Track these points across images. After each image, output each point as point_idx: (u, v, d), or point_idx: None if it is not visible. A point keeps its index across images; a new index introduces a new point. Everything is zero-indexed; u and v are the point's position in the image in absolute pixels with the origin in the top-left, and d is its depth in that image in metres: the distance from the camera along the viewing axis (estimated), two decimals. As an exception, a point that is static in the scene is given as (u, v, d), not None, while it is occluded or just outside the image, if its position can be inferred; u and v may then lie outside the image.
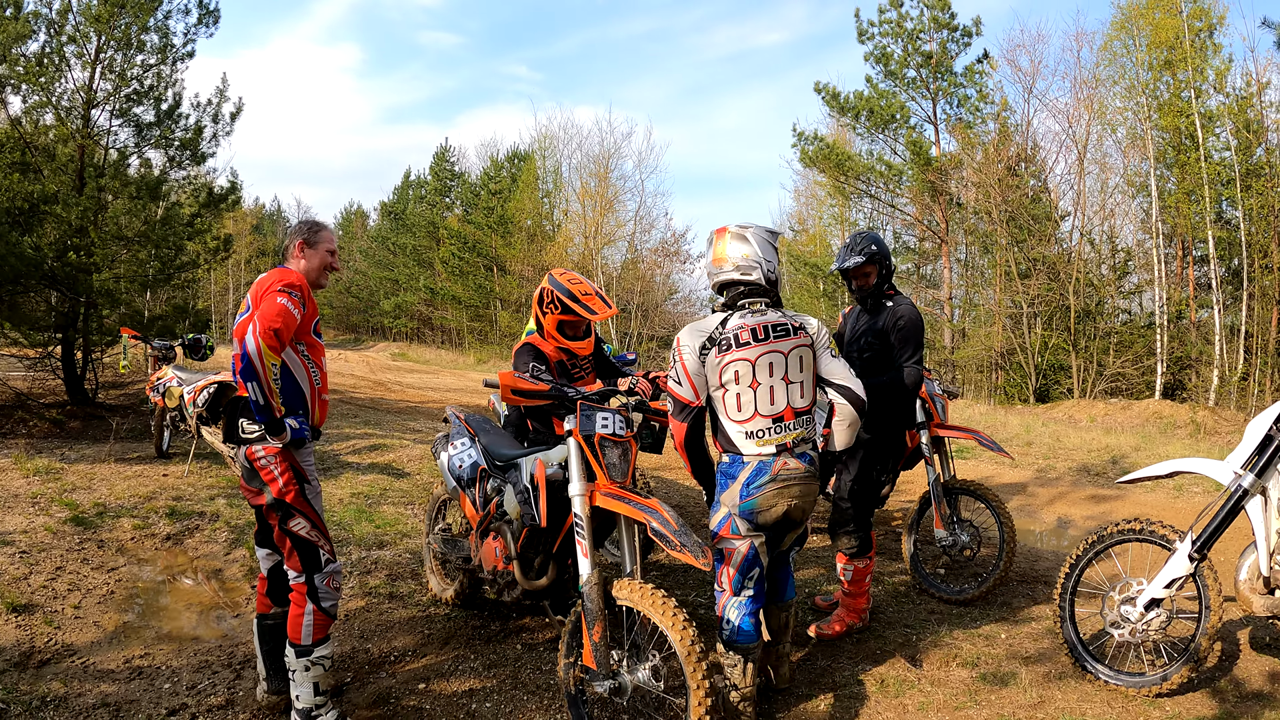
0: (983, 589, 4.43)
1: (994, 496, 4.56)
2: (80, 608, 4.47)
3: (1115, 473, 8.85)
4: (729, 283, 3.14)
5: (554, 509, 2.93)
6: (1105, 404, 14.70)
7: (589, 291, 3.71)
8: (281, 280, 2.93)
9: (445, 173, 41.08)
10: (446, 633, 3.84)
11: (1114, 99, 17.78)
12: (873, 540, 4.13)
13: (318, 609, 3.02)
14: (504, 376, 2.85)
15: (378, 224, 47.47)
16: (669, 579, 4.76)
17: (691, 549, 2.52)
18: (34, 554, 5.07)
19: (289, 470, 2.97)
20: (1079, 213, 18.14)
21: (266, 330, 2.77)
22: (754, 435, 2.98)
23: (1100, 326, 17.04)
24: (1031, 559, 5.43)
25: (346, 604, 4.27)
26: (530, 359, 3.70)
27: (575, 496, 2.76)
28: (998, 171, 17.24)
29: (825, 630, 3.97)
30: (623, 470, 2.83)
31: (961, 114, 18.95)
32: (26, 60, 8.20)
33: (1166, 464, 3.44)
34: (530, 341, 3.87)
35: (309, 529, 3.01)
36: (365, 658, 3.63)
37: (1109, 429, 12.52)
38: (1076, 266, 17.04)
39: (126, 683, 3.59)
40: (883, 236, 27.62)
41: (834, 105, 19.87)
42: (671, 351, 3.12)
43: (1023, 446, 11.03)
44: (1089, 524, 6.61)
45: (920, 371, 3.97)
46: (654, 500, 2.67)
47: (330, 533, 5.43)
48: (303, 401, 3.04)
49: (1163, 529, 3.28)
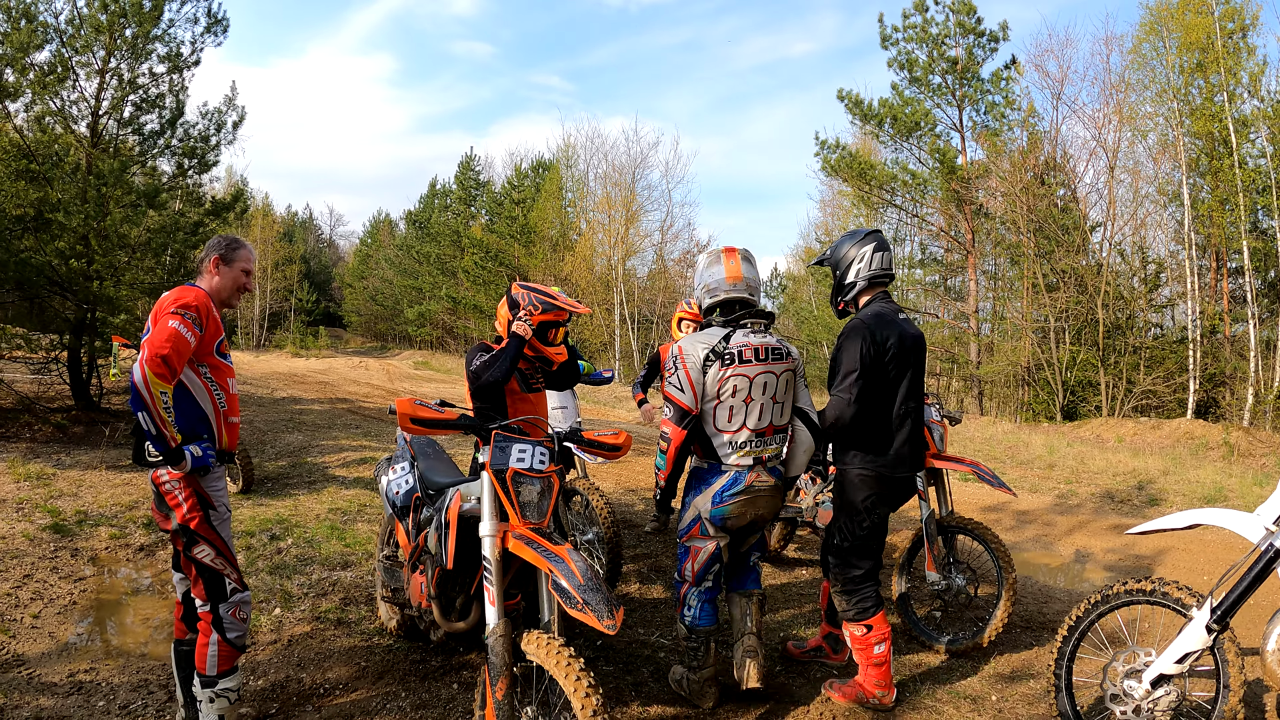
0: (977, 639, 4.07)
1: (993, 537, 4.18)
2: (39, 617, 4.42)
3: (1140, 500, 8.45)
4: (734, 300, 3.37)
5: (469, 548, 2.75)
6: (1135, 423, 14.14)
7: (554, 293, 3.61)
8: (176, 301, 2.81)
9: (470, 182, 41.34)
10: (383, 666, 3.68)
11: (1144, 104, 17.16)
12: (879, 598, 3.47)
13: (223, 640, 2.90)
14: (402, 404, 2.61)
15: (404, 233, 47.93)
16: (634, 615, 4.56)
17: (595, 608, 2.27)
18: (6, 561, 5.07)
19: (193, 496, 2.86)
20: (1109, 223, 17.54)
21: (154, 358, 2.66)
22: (738, 447, 3.24)
23: (1130, 341, 16.38)
24: (1041, 600, 5.08)
25: (292, 629, 4.15)
26: (482, 353, 3.59)
27: (485, 538, 2.57)
28: (1025, 180, 16.73)
29: (835, 691, 3.47)
30: (540, 509, 2.62)
31: (988, 121, 18.47)
32: (37, 70, 8.31)
33: (1186, 515, 2.91)
34: (489, 344, 3.70)
35: (214, 556, 2.90)
36: (296, 688, 3.50)
37: (1137, 450, 12.01)
38: (1106, 278, 16.44)
39: (65, 697, 3.52)
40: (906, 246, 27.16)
41: (857, 112, 19.53)
42: (671, 360, 3.26)
43: (1044, 470, 10.64)
44: (1109, 558, 6.21)
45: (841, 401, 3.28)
46: (564, 548, 2.45)
47: (298, 551, 5.42)
48: (207, 426, 2.93)
49: (1178, 591, 2.81)
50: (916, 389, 3.44)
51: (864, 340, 3.25)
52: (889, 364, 3.30)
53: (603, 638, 4.14)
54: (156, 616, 4.50)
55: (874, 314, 3.36)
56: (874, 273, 3.42)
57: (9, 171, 7.70)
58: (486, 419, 2.89)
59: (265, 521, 6.06)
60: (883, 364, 3.29)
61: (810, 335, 32.43)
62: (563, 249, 30.35)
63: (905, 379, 3.36)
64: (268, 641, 4.02)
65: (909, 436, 3.39)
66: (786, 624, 4.51)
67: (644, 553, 5.81)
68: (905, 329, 3.37)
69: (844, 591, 3.43)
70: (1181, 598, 2.79)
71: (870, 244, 3.44)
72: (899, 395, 3.35)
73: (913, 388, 3.41)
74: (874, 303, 3.43)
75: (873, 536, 3.43)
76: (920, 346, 3.44)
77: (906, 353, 3.34)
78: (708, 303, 3.44)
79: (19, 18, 8.25)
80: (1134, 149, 17.66)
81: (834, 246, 3.57)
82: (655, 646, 4.07)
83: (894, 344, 3.29)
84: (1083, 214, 17.77)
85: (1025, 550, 6.49)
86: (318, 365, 26.16)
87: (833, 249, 3.56)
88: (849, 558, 3.43)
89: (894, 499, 3.48)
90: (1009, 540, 6.70)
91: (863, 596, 3.39)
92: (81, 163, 8.67)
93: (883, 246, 3.45)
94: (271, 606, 4.46)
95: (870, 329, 3.27)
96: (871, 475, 3.36)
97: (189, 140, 9.64)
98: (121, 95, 8.89)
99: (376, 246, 50.41)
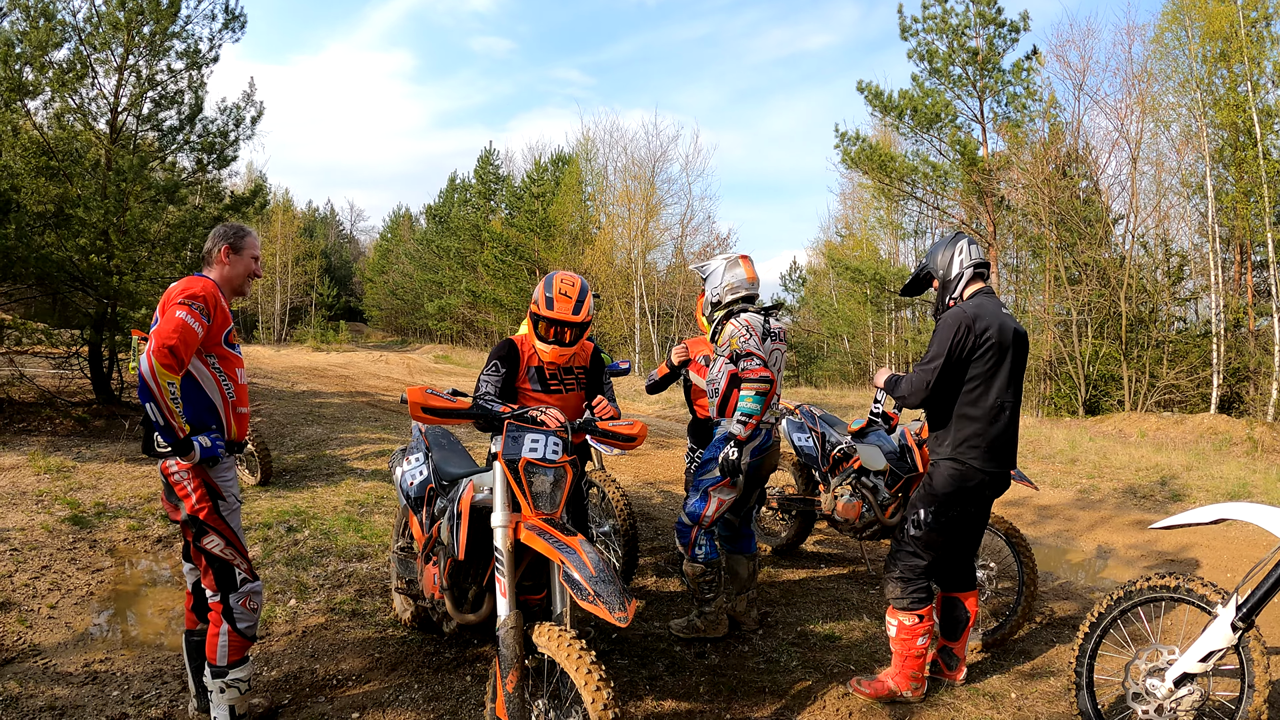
0: (997, 635, 4.03)
1: (1014, 532, 4.14)
2: (56, 608, 4.46)
3: (1163, 495, 8.28)
4: (752, 295, 4.19)
5: (481, 539, 2.71)
6: (1158, 417, 13.89)
7: (568, 293, 3.36)
8: (184, 292, 2.80)
9: (490, 176, 41.40)
10: (397, 657, 3.67)
11: (1167, 94, 16.78)
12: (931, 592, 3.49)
13: (233, 630, 2.90)
14: (413, 393, 2.58)
15: (424, 227, 48.13)
16: (651, 608, 4.52)
17: (607, 600, 2.23)
18: (25, 552, 5.11)
19: (202, 487, 2.86)
20: (1132, 215, 17.19)
21: (161, 349, 2.65)
22: (771, 408, 4.00)
23: (1153, 335, 16.06)
24: (1062, 596, 5.01)
25: (306, 620, 4.15)
26: (494, 357, 3.47)
27: (497, 528, 2.54)
28: (1046, 172, 16.44)
29: (864, 687, 3.47)
30: (553, 500, 2.58)
31: (1009, 112, 18.16)
32: (56, 68, 8.38)
33: (1211, 509, 2.82)
34: (512, 339, 3.64)
35: (223, 547, 2.89)
36: (309, 679, 3.49)
37: (1160, 445, 11.80)
38: (1129, 271, 16.13)
39: (79, 687, 3.55)
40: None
41: (877, 104, 19.29)
42: (743, 329, 3.90)
43: (1066, 465, 10.46)
44: (1131, 554, 6.10)
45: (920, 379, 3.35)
46: (576, 539, 2.41)
47: (315, 542, 5.43)
48: (215, 416, 2.93)
49: (1203, 588, 2.73)
50: (1016, 382, 3.40)
51: (959, 328, 3.27)
52: (986, 355, 3.27)
53: (618, 631, 4.11)
54: (173, 607, 4.52)
55: (975, 305, 3.37)
56: (976, 259, 3.48)
57: (29, 168, 7.78)
58: None
59: (283, 513, 6.09)
60: (978, 355, 3.28)
61: (830, 328, 32.25)
62: (582, 242, 30.30)
63: (1004, 371, 3.31)
64: (282, 633, 4.02)
65: (1004, 430, 3.35)
66: (803, 618, 4.45)
67: (661, 545, 5.77)
68: (1007, 322, 3.36)
69: (901, 579, 3.42)
70: (1206, 594, 2.71)
71: (962, 239, 3.55)
72: (996, 387, 3.31)
73: (1012, 380, 3.37)
74: (977, 295, 3.44)
75: (946, 531, 3.38)
76: (1022, 341, 3.42)
77: (1007, 345, 3.32)
78: (730, 297, 4.14)
79: (38, 16, 8.33)
80: (1157, 140, 17.29)
81: (927, 258, 3.67)
82: (671, 641, 4.04)
83: (992, 335, 3.27)
84: (1105, 206, 17.45)
85: (1047, 546, 6.40)
86: (338, 359, 26.33)
87: (927, 260, 3.66)
88: (918, 546, 3.41)
89: (981, 495, 3.39)
90: (1030, 536, 6.60)
91: (920, 587, 3.40)
92: (101, 159, 8.74)
93: (973, 241, 3.57)
94: (287, 598, 4.46)
95: (969, 318, 3.28)
96: (961, 467, 3.32)
97: (208, 136, 9.69)
98: (140, 92, 8.95)
99: (397, 241, 50.70)
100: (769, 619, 4.40)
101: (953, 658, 3.65)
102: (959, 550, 3.59)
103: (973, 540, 3.63)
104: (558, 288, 3.34)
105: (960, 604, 3.63)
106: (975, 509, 3.42)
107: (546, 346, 3.38)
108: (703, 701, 3.37)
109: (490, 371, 3.36)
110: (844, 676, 3.65)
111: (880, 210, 27.22)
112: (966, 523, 3.45)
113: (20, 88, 7.67)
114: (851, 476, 4.95)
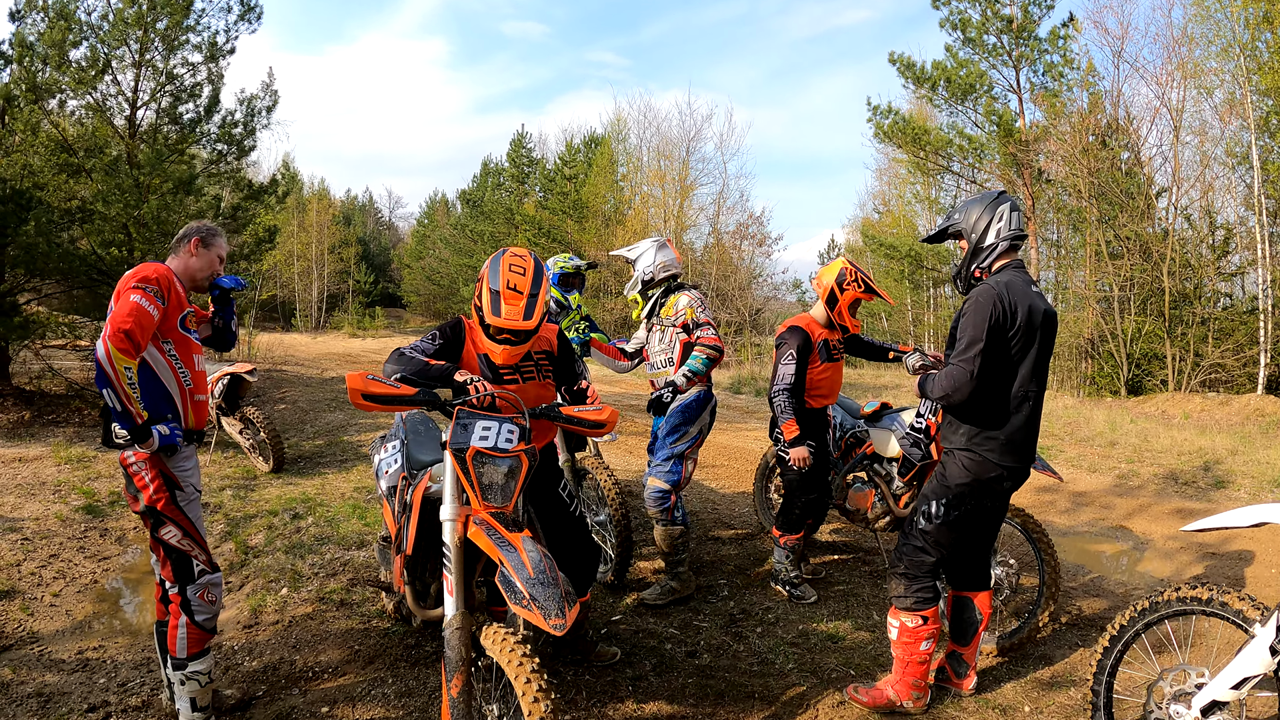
0: (1014, 639, 3.74)
1: (1034, 525, 3.83)
2: (59, 596, 4.53)
3: (1206, 482, 7.86)
4: (676, 274, 4.57)
5: (433, 532, 2.61)
6: (1203, 398, 13.28)
7: (519, 287, 2.77)
8: (137, 275, 2.79)
9: (522, 159, 41.39)
10: (376, 650, 3.61)
11: (1209, 60, 15.87)
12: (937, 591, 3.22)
13: (191, 622, 2.88)
14: (352, 379, 2.40)
15: (459, 211, 48.39)
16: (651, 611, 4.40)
17: (543, 605, 2.08)
18: (36, 541, 5.20)
19: (159, 477, 2.85)
20: (1175, 187, 16.36)
21: (116, 332, 2.63)
22: None
23: (1198, 312, 15.30)
24: (1091, 593, 4.67)
25: (295, 609, 4.13)
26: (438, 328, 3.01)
27: (445, 522, 2.43)
28: (1085, 143, 15.73)
29: (861, 695, 3.24)
30: (505, 492, 2.44)
31: (1046, 82, 17.40)
32: (74, 67, 8.48)
33: (1250, 511, 2.44)
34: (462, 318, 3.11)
35: (180, 537, 2.87)
36: (287, 670, 3.46)
37: (1204, 427, 11.27)
38: (1172, 245, 15.39)
39: (69, 674, 3.59)
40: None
41: (909, 75, 18.69)
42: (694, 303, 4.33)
43: (1104, 448, 10.03)
44: (1170, 545, 5.73)
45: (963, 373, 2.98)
46: (519, 535, 2.28)
47: (317, 530, 5.42)
48: (172, 405, 2.89)
49: (1239, 601, 2.37)
50: (1041, 370, 3.08)
51: (995, 307, 2.92)
52: (1013, 338, 2.96)
53: (606, 624, 4.01)
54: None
55: (1006, 281, 3.01)
56: (1014, 231, 3.09)
57: (50, 165, 7.91)
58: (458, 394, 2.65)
59: (290, 500, 6.11)
60: (1006, 337, 2.96)
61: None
62: (615, 224, 30.14)
63: (1029, 357, 3.00)
64: (270, 622, 4.01)
65: (1025, 421, 3.05)
66: (807, 615, 4.29)
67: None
68: (1037, 302, 3.01)
69: (906, 575, 3.16)
70: (1243, 610, 2.35)
71: (1005, 203, 3.12)
72: (1020, 374, 3.00)
73: (1037, 368, 3.05)
74: (1007, 270, 3.08)
75: (958, 526, 3.11)
76: (1051, 323, 3.08)
77: (1035, 328, 2.99)
78: (663, 274, 4.53)
79: (56, 17, 8.42)
80: (1200, 109, 16.39)
81: (961, 211, 3.21)
82: (663, 637, 3.89)
83: (1023, 316, 2.95)
84: (1148, 178, 16.66)
85: (1079, 536, 6.10)
86: (373, 345, 26.65)
87: (961, 214, 3.20)
88: (927, 541, 3.14)
89: (998, 489, 3.10)
90: (1062, 525, 6.32)
91: (925, 586, 3.15)
92: (121, 153, 8.85)
93: (1017, 206, 3.17)
94: (280, 586, 4.46)
95: (1001, 296, 2.94)
96: (976, 460, 3.04)
97: (226, 127, 9.75)
98: (159, 86, 9.04)
99: (433, 227, 51.04)
100: (769, 615, 4.24)
101: (961, 664, 3.37)
102: (972, 546, 3.31)
103: (988, 536, 3.36)
104: (504, 278, 2.76)
105: (971, 604, 3.34)
106: (991, 504, 3.13)
107: (496, 347, 2.85)
108: (688, 705, 3.23)
109: (427, 339, 2.91)
110: (842, 682, 3.44)
111: (916, 185, 26.51)
112: (981, 518, 3.16)
113: (40, 87, 7.79)
114: (864, 463, 4.72)
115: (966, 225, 3.17)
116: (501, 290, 2.77)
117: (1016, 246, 3.14)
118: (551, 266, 5.10)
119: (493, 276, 2.81)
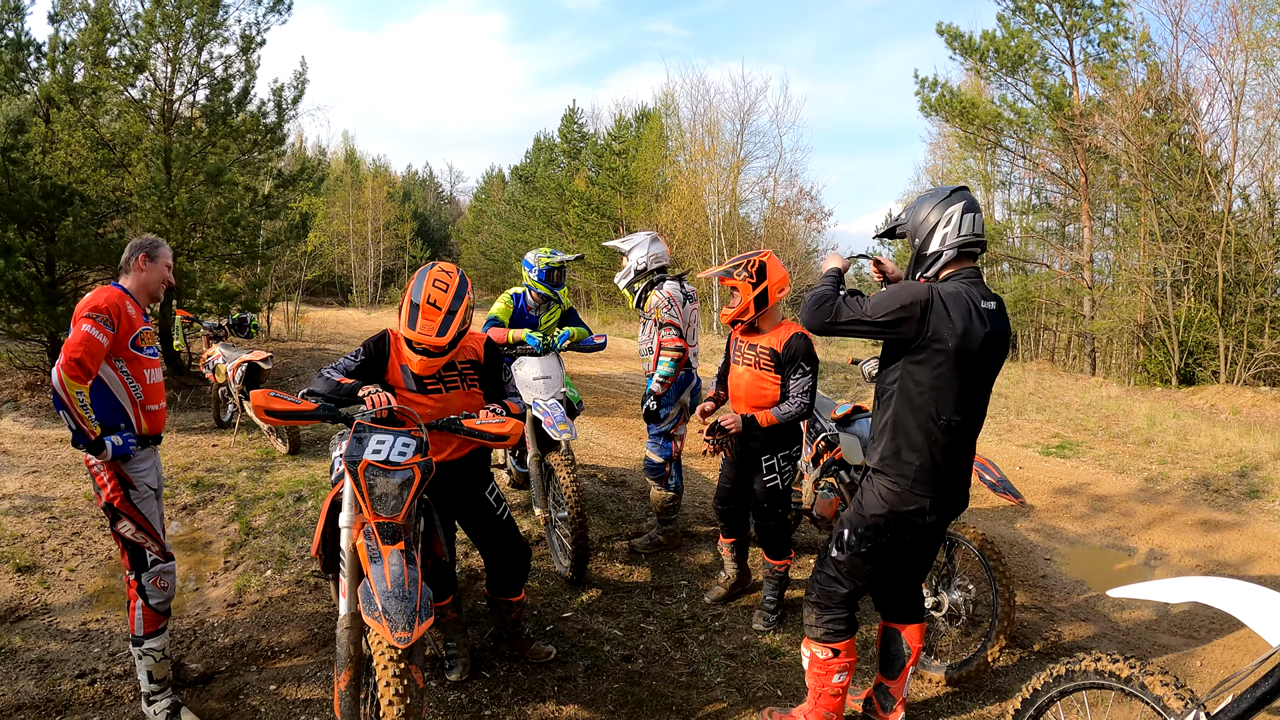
0: (965, 670, 3.54)
1: (990, 550, 3.59)
2: (75, 571, 4.95)
3: (1239, 490, 7.22)
4: (666, 267, 5.08)
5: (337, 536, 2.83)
6: (1254, 392, 12.64)
7: (438, 302, 2.92)
8: (88, 305, 3.10)
9: (573, 135, 41.55)
10: (330, 634, 3.90)
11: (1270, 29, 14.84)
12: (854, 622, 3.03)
13: (145, 605, 3.23)
14: (256, 397, 2.62)
15: (511, 187, 48.95)
16: (603, 599, 4.55)
17: (392, 619, 2.26)
18: (62, 520, 5.67)
19: (115, 478, 3.18)
20: (1234, 165, 15.46)
21: (69, 362, 2.97)
22: (696, 355, 5.03)
23: (1254, 300, 14.52)
24: (1080, 616, 4.46)
25: (275, 590, 4.46)
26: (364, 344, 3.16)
27: (342, 528, 2.67)
28: (1139, 117, 14.99)
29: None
30: (398, 502, 2.65)
31: (1101, 53, 16.61)
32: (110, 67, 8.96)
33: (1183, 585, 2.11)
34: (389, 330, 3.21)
35: (134, 531, 3.21)
36: (252, 649, 3.78)
37: (1250, 426, 10.60)
38: (1227, 227, 14.59)
39: (69, 643, 3.94)
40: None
41: (956, 46, 18.10)
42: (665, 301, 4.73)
43: (1138, 445, 9.53)
44: (1185, 563, 5.36)
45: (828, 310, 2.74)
46: (391, 548, 2.47)
47: (316, 514, 5.75)
48: (124, 416, 3.21)
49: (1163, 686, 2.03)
50: (973, 399, 2.74)
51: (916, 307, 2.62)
52: (934, 358, 2.65)
53: (554, 620, 4.20)
54: (182, 571, 4.93)
55: (951, 293, 2.65)
56: (963, 239, 2.71)
57: (90, 162, 8.45)
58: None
59: (298, 483, 6.47)
60: (921, 356, 2.66)
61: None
62: (664, 199, 30.12)
63: (955, 383, 2.67)
64: (251, 601, 4.34)
65: (947, 453, 2.73)
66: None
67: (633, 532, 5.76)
68: (976, 325, 2.63)
69: (818, 604, 2.97)
70: (1164, 697, 2.02)
71: (957, 203, 2.73)
72: (944, 399, 2.68)
73: (965, 395, 2.70)
74: (955, 280, 2.72)
75: (873, 558, 2.87)
76: (995, 348, 2.69)
77: (969, 353, 2.63)
78: (653, 266, 4.96)
79: (92, 19, 8.91)
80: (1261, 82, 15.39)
81: (911, 209, 2.86)
82: (605, 638, 3.98)
83: (953, 337, 2.61)
84: (1211, 155, 15.79)
85: (1090, 545, 5.86)
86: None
87: (909, 212, 2.85)
88: (839, 571, 2.92)
89: (917, 524, 2.81)
90: (1073, 533, 6.10)
91: (837, 618, 2.94)
92: (156, 146, 9.36)
93: (972, 207, 2.76)
94: (266, 568, 4.79)
95: (933, 302, 2.63)
96: (894, 490, 2.77)
97: (258, 117, 10.18)
98: (192, 81, 9.51)
99: (489, 202, 51.82)
100: (716, 622, 4.26)
101: (889, 698, 3.15)
102: (898, 578, 3.09)
103: (918, 568, 3.13)
104: (426, 293, 2.93)
105: (899, 637, 3.12)
106: (911, 538, 2.84)
107: (415, 358, 3.03)
108: (604, 711, 3.33)
109: (350, 357, 3.12)
110: (765, 702, 3.41)
111: (969, 160, 25.64)
112: (901, 551, 2.89)
113: (77, 87, 8.32)
114: (832, 469, 4.55)
115: (912, 226, 2.83)
116: (421, 304, 2.95)
117: (970, 254, 2.78)
118: (535, 262, 5.26)
119: (416, 290, 2.98)
